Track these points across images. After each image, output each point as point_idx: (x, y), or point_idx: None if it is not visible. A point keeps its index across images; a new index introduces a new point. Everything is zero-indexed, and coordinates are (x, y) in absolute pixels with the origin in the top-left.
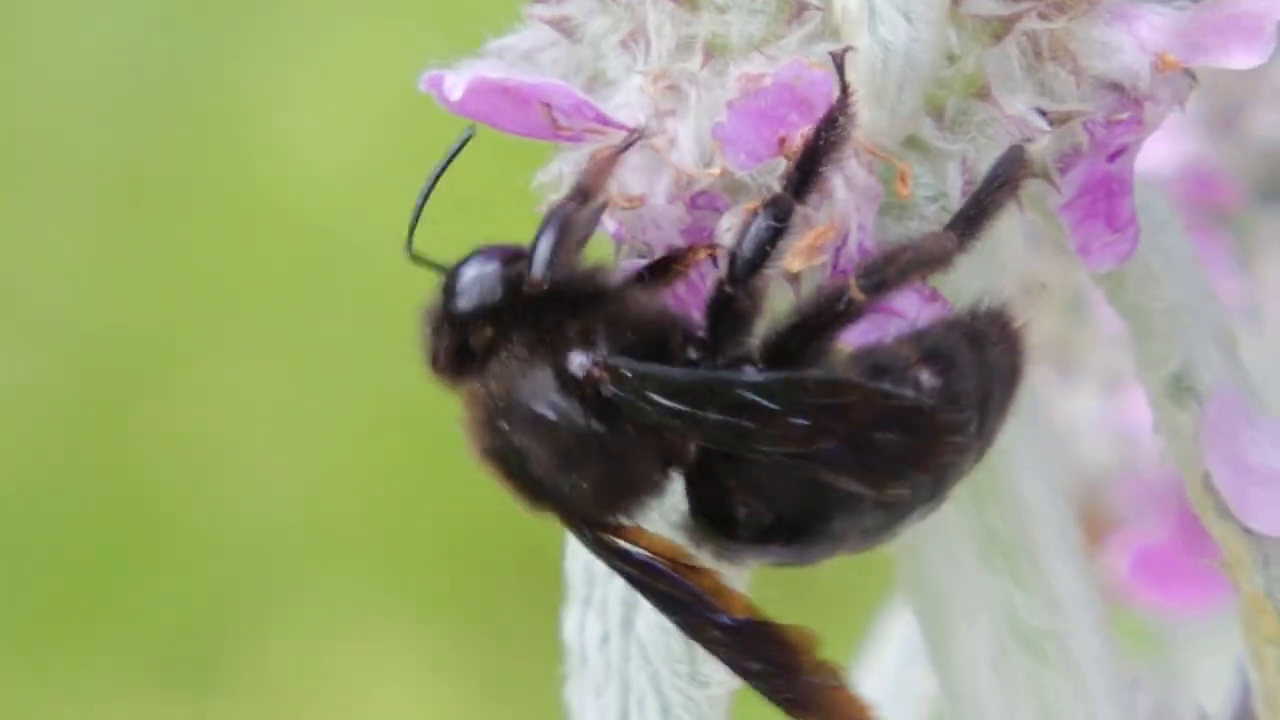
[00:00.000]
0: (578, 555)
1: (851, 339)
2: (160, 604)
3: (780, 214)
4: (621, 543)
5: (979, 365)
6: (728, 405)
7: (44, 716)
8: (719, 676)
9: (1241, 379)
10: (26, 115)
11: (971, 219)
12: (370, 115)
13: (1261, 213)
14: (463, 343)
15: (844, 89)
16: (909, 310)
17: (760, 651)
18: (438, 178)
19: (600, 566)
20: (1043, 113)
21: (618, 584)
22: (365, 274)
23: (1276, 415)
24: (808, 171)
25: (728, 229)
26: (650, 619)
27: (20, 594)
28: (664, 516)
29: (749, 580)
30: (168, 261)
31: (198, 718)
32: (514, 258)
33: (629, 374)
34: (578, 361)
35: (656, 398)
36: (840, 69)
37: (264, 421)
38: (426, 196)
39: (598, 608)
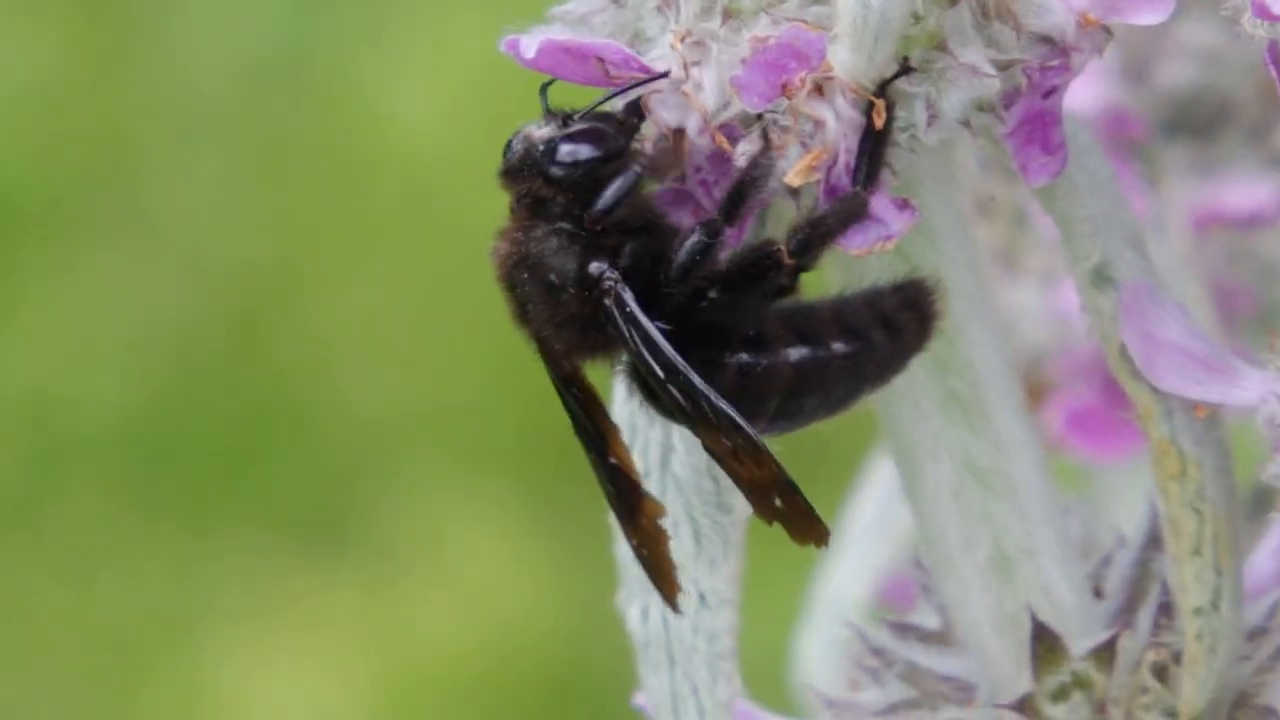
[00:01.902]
0: (622, 408)
1: (845, 243)
2: (294, 480)
3: (712, 232)
4: (567, 371)
5: (888, 345)
6: (680, 387)
7: (201, 571)
8: (740, 505)
9: (1149, 271)
10: (182, 90)
11: (870, 172)
12: (458, 86)
13: (1165, 145)
14: (535, 189)
15: (766, 143)
16: (887, 217)
17: (621, 490)
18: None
19: (641, 417)
20: (990, 61)
21: (656, 432)
22: (454, 213)
23: (1176, 300)
24: (736, 203)
25: (743, 153)
26: (683, 459)
27: (181, 472)
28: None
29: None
30: (298, 208)
31: (326, 573)
32: (614, 155)
33: (627, 308)
34: (598, 269)
35: (634, 338)
36: (765, 136)
37: (377, 333)
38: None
39: (640, 450)
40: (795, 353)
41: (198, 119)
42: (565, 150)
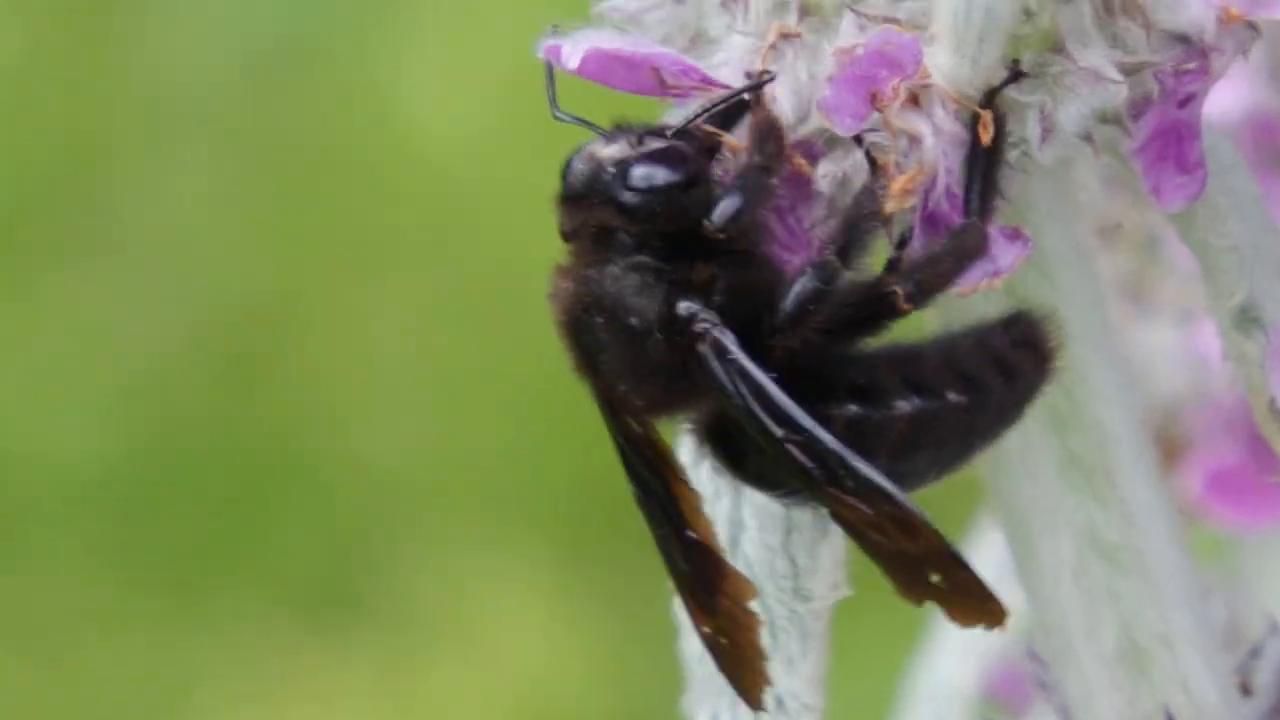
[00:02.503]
0: (693, 471)
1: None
2: (299, 541)
3: (828, 277)
4: (637, 432)
5: (1004, 392)
6: (804, 447)
7: (190, 648)
8: (821, 591)
9: None
10: (168, 85)
11: (983, 198)
12: (490, 76)
13: None
14: (603, 219)
15: (875, 169)
16: (994, 250)
17: (699, 569)
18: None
19: (707, 488)
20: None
21: (724, 505)
22: (487, 227)
23: None
24: (852, 242)
25: (824, 175)
26: (755, 538)
27: (169, 533)
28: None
29: None
30: (303, 221)
31: (336, 647)
32: (695, 179)
33: (729, 355)
34: (689, 309)
35: (740, 391)
36: (872, 161)
37: (395, 369)
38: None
39: (724, 517)
40: (908, 404)
41: (184, 117)
42: (640, 174)
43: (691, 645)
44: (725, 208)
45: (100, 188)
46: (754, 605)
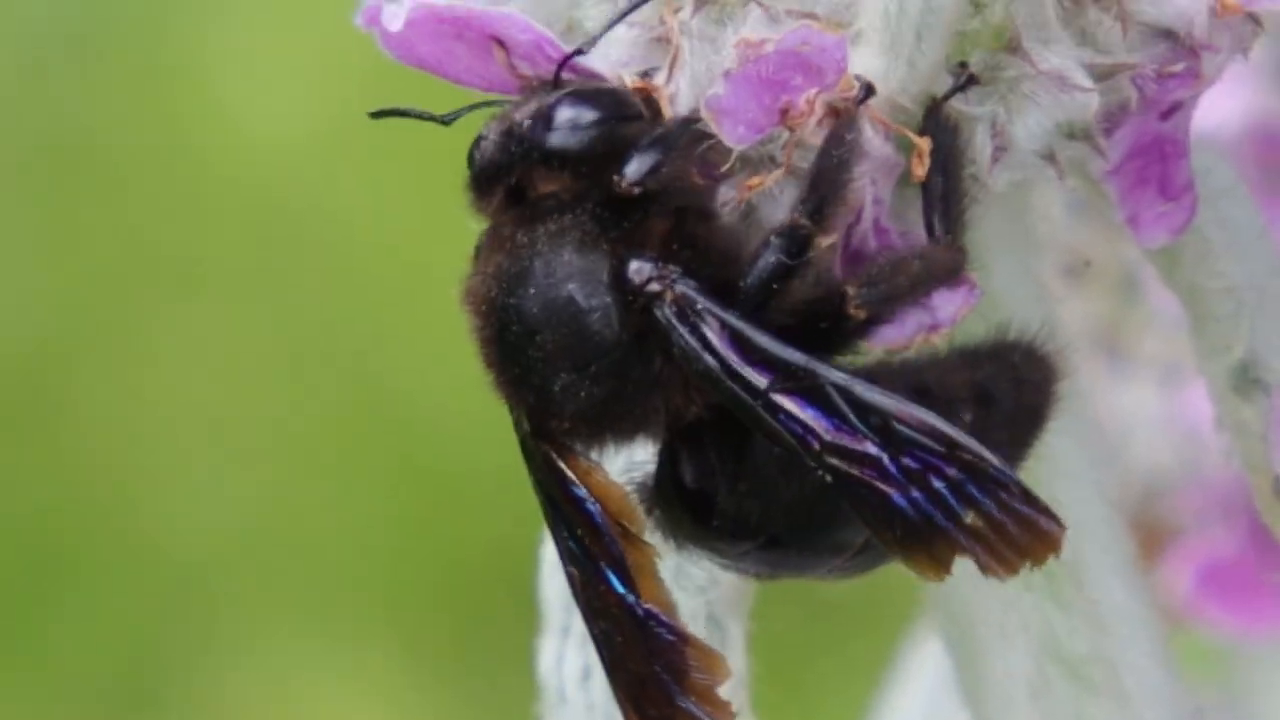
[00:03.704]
0: (555, 576)
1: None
2: (83, 629)
3: (795, 247)
4: (567, 471)
5: (1015, 407)
6: (799, 390)
7: None
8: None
9: None
10: None
11: (950, 219)
12: (318, 75)
13: None
14: (527, 184)
15: (848, 115)
16: (934, 300)
17: (652, 652)
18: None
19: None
20: (1085, 66)
21: None
22: (319, 250)
23: None
24: (823, 202)
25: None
26: None
27: None
28: (625, 467)
29: (754, 594)
30: (91, 241)
31: None
32: (625, 118)
33: (699, 306)
34: (644, 269)
35: (713, 346)
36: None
37: (202, 414)
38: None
39: (579, 638)
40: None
41: None
42: (565, 115)
43: None
44: (640, 162)
45: None
46: (727, 691)
